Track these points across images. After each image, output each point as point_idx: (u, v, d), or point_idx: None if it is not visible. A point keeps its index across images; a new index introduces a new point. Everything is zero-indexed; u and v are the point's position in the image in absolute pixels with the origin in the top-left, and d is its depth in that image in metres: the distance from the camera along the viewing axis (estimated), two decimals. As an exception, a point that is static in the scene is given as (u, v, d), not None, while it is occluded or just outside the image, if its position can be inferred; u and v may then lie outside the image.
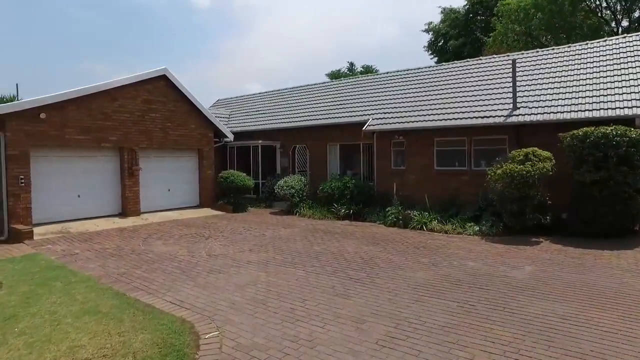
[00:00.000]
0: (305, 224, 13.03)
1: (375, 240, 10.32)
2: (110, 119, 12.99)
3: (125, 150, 13.39)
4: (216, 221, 13.49)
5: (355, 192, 14.13)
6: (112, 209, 13.42)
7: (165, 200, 14.87)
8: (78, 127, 12.28)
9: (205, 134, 15.89)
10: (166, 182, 14.95)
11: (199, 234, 11.33)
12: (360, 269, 7.76)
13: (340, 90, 18.65)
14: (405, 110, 14.50)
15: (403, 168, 14.22)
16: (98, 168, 13.09)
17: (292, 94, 20.53)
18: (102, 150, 13.13)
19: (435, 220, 11.72)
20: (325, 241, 10.31)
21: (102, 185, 13.16)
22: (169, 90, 14.59)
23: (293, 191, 15.04)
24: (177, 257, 8.76)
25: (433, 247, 9.46)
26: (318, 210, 14.51)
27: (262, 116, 19.70)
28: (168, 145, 14.64)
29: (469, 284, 6.68)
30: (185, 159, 15.61)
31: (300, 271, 7.66)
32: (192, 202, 15.83)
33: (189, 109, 15.23)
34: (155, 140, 14.20)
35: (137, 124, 13.69)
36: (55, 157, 12.18)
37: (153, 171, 14.50)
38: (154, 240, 10.50)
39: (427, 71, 17.06)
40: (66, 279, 7.23)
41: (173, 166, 15.19)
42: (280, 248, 9.59)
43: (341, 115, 16.13)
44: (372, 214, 13.43)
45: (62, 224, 11.88)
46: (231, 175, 15.69)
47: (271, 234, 11.27)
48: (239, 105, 22.80)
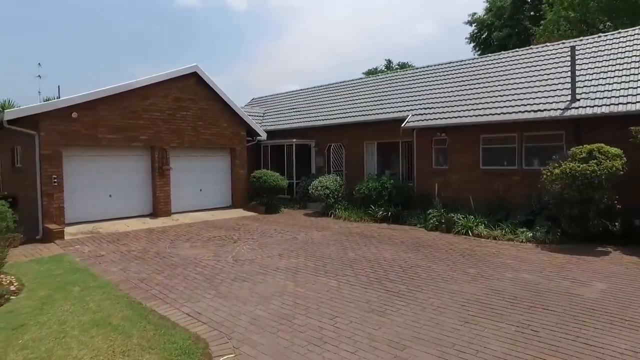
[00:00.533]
0: (339, 226, 12.30)
1: (416, 246, 9.44)
2: (141, 118, 12.78)
3: (156, 150, 13.15)
4: (247, 223, 13.00)
5: (393, 193, 13.25)
6: (143, 209, 13.21)
7: (196, 200, 14.57)
8: (109, 126, 12.12)
9: (237, 132, 15.47)
10: (198, 182, 14.64)
11: (228, 236, 10.84)
12: (399, 279, 6.94)
13: (378, 86, 17.77)
14: (448, 105, 13.45)
15: (445, 167, 13.19)
16: (129, 167, 12.91)
17: (328, 91, 19.84)
18: (133, 149, 12.94)
19: (481, 224, 10.67)
20: (360, 246, 9.53)
21: (133, 185, 12.98)
22: (200, 88, 14.26)
23: (328, 192, 14.34)
24: (202, 262, 8.25)
25: (481, 256, 8.47)
26: (354, 212, 13.74)
27: (296, 114, 19.13)
28: (199, 144, 14.32)
29: (527, 303, 5.72)
30: (217, 158, 15.26)
31: (332, 281, 6.94)
32: (224, 203, 15.46)
33: (220, 107, 14.86)
34: (186, 139, 13.90)
35: (168, 123, 13.42)
36: (87, 157, 12.07)
37: (184, 171, 14.22)
38: (181, 243, 10.09)
39: (471, 63, 15.88)
40: (85, 284, 6.85)
41: (205, 166, 14.87)
42: (311, 253, 8.90)
43: (379, 112, 15.27)
44: (412, 217, 12.51)
45: (93, 224, 11.75)
46: (264, 175, 15.19)
47: (303, 238, 10.62)
48: (273, 103, 22.36)
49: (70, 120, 11.42)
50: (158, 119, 13.17)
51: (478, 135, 12.36)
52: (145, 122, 12.89)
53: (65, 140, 11.36)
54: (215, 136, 14.75)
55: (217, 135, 14.81)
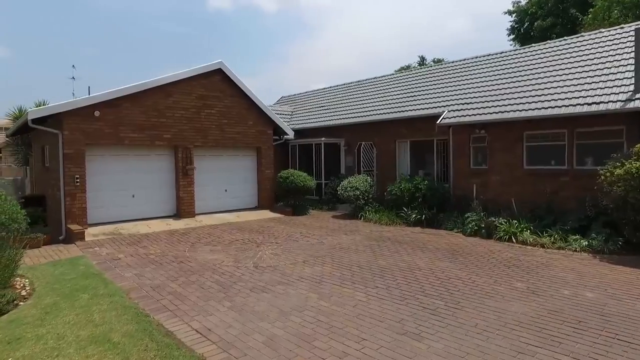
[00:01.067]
0: (369, 230, 11.52)
1: (454, 254, 8.55)
2: (164, 116, 12.43)
3: (179, 149, 12.78)
4: (273, 225, 12.41)
5: (428, 194, 12.33)
6: (167, 209, 12.87)
7: (221, 201, 14.13)
8: (132, 125, 11.82)
9: (263, 131, 14.94)
10: (222, 182, 14.20)
11: (251, 239, 10.27)
12: (437, 294, 6.12)
13: (411, 81, 16.83)
14: (488, 100, 12.41)
15: (485, 167, 12.17)
16: (152, 167, 12.59)
17: (359, 88, 19.05)
18: (156, 148, 12.61)
19: (527, 230, 9.64)
20: (392, 253, 8.73)
21: (156, 185, 12.65)
22: (225, 85, 13.81)
23: (357, 193, 13.58)
24: (221, 268, 7.69)
25: (529, 266, 7.51)
26: (385, 214, 12.92)
27: (325, 112, 18.46)
28: (224, 143, 13.86)
29: (595, 329, 4.79)
30: (242, 157, 14.78)
31: (360, 293, 6.20)
32: (250, 204, 14.96)
33: (246, 105, 14.36)
34: (210, 138, 13.48)
35: (192, 121, 13.03)
36: (110, 156, 11.82)
37: (209, 171, 13.80)
38: (201, 246, 9.60)
39: (513, 55, 14.72)
40: (95, 291, 6.40)
41: (230, 165, 14.42)
42: (339, 260, 8.18)
43: (412, 109, 14.37)
44: (448, 221, 11.57)
45: (115, 225, 11.46)
46: (291, 175, 14.59)
47: (330, 242, 9.91)
48: (302, 101, 21.78)
49: (93, 119, 11.17)
50: (182, 117, 12.79)
51: (521, 131, 11.30)
52: (169, 121, 12.53)
53: (88, 139, 11.12)
54: (241, 135, 14.27)
55: (243, 133, 14.33)
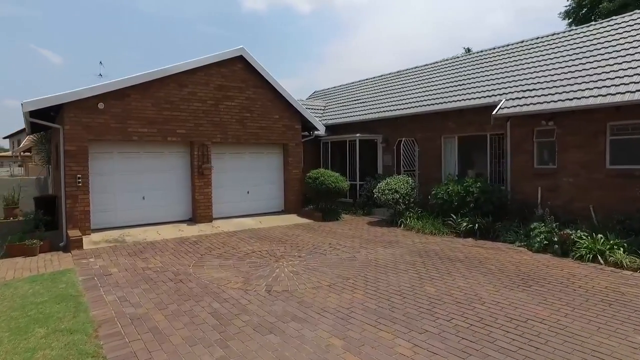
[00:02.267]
0: (412, 241, 9.68)
1: (523, 279, 6.60)
2: (178, 109, 11.09)
3: (195, 146, 11.41)
4: (298, 233, 10.80)
5: (481, 199, 10.34)
6: (181, 213, 11.53)
7: (242, 204, 12.67)
8: (142, 119, 10.54)
9: (291, 126, 13.36)
10: (244, 183, 12.73)
11: (270, 251, 8.70)
12: (513, 347, 4.26)
13: (459, 69, 14.75)
14: (557, 84, 10.25)
15: (553, 167, 10.05)
16: (165, 166, 11.28)
17: (398, 79, 17.13)
18: (169, 145, 11.30)
19: (619, 248, 7.51)
20: (442, 275, 6.89)
21: (169, 186, 11.34)
22: (248, 75, 12.33)
23: (397, 196, 11.74)
24: (225, 292, 6.13)
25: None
26: (430, 222, 11.03)
27: (361, 106, 16.67)
28: (246, 140, 12.39)
29: None
30: (267, 155, 13.27)
31: (402, 341, 4.45)
32: (275, 207, 13.43)
33: (271, 97, 12.83)
34: (230, 134, 12.03)
35: (210, 115, 11.63)
36: (118, 154, 10.60)
37: (228, 170, 12.38)
38: (211, 259, 8.11)
39: (586, 32, 12.37)
40: (57, 324, 4.99)
41: (252, 164, 12.94)
42: (374, 284, 6.44)
43: (460, 99, 12.36)
44: (507, 231, 9.56)
45: (122, 230, 10.21)
46: (321, 175, 12.93)
47: (364, 257, 8.18)
48: (335, 95, 20.08)
49: (97, 112, 9.96)
50: (198, 110, 11.42)
51: (604, 122, 9.12)
52: (183, 114, 11.18)
53: (91, 135, 9.92)
54: (265, 130, 12.75)
55: (268, 129, 12.81)
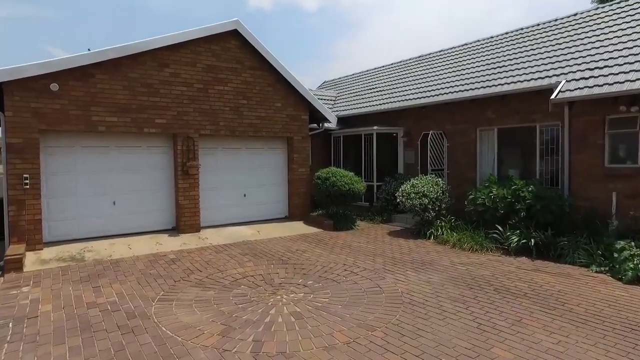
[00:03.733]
0: (450, 261, 7.51)
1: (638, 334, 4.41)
2: (157, 94, 9.02)
3: (179, 139, 9.33)
4: (305, 247, 8.68)
5: (536, 206, 8.12)
6: (161, 221, 9.48)
7: (237, 210, 10.57)
8: (110, 105, 8.49)
9: (296, 116, 11.21)
10: (240, 184, 10.63)
11: (266, 277, 6.59)
12: None
13: (497, 49, 12.42)
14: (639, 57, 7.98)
15: (633, 166, 7.81)
16: (141, 164, 9.23)
17: (421, 64, 14.88)
18: (146, 138, 9.24)
19: None
20: (512, 324, 4.71)
21: (146, 188, 9.28)
22: (244, 54, 10.22)
23: (425, 201, 9.56)
24: (191, 355, 4.03)
25: None
26: (468, 234, 8.87)
27: (378, 95, 14.47)
28: (242, 132, 10.27)
29: None
30: (267, 151, 11.15)
31: None
32: (277, 213, 11.31)
33: (272, 80, 10.70)
34: (223, 125, 9.94)
35: (197, 101, 9.54)
36: (81, 149, 8.56)
37: (221, 169, 10.29)
38: (186, 288, 6.02)
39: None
40: None
41: (250, 162, 10.83)
42: (415, 342, 4.29)
43: (503, 82, 10.12)
44: (575, 249, 7.36)
45: (84, 244, 8.18)
46: (333, 175, 10.78)
47: (392, 287, 6.04)
48: (348, 85, 17.89)
49: (52, 96, 7.92)
50: (182, 95, 9.34)
51: None
52: (164, 101, 9.11)
53: (44, 124, 7.89)
54: (265, 121, 10.63)
55: (268, 119, 10.68)
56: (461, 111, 11.10)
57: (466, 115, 11.00)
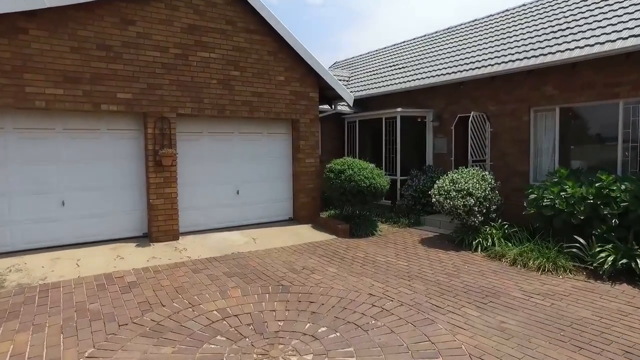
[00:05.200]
0: (521, 290, 5.27)
1: None
2: (119, 59, 6.83)
3: (150, 120, 7.15)
4: (313, 263, 6.50)
5: (637, 211, 5.84)
6: (129, 226, 7.34)
7: (228, 211, 8.40)
8: (52, 73, 6.32)
9: (303, 93, 8.97)
10: (232, 178, 8.46)
11: (256, 319, 4.42)
12: None
13: (549, 10, 10.01)
14: None
15: None
16: (101, 152, 7.08)
17: (453, 36, 12.48)
18: (107, 118, 7.09)
19: None
20: None
21: (108, 184, 7.14)
22: (236, 12, 7.98)
23: (471, 202, 7.30)
24: None
25: None
26: (529, 246, 6.62)
27: (400, 72, 12.15)
28: (235, 112, 8.06)
29: None
30: (267, 137, 8.95)
31: None
32: (279, 215, 9.13)
33: (273, 47, 8.47)
34: (209, 102, 7.73)
35: (174, 71, 7.34)
36: (14, 132, 6.43)
37: (207, 159, 8.11)
38: (132, 340, 3.88)
39: None
40: None
41: (245, 150, 8.63)
42: None
43: (573, 46, 7.75)
44: None
45: (16, 259, 6.07)
46: (349, 167, 8.55)
47: (450, 341, 3.84)
48: (363, 64, 15.55)
49: (-33, 57, 5.78)
50: (154, 62, 7.14)
51: None
52: (129, 69, 6.92)
53: (-44, 96, 5.76)
54: (264, 99, 8.40)
55: (268, 97, 8.46)
56: (510, 87, 8.82)
57: (516, 93, 8.72)
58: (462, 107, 9.87)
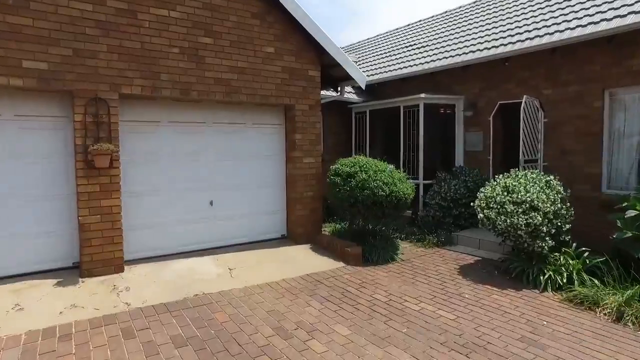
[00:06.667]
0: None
1: None
2: (23, 10, 4.65)
3: (78, 102, 4.95)
4: (313, 317, 4.32)
5: None
6: (52, 254, 5.17)
7: (198, 229, 6.20)
8: None
9: (300, 71, 6.76)
10: (203, 185, 6.25)
11: None
12: None
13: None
14: None
15: None
16: (3, 148, 4.90)
17: (488, 5, 10.21)
18: (11, 99, 4.90)
19: None
20: None
21: (18, 193, 4.95)
22: (208, -47, 5.80)
23: (537, 220, 5.10)
24: None
25: None
26: (626, 289, 4.43)
27: (420, 52, 9.92)
28: (205, 94, 5.85)
29: None
30: (251, 130, 6.74)
31: None
32: (267, 232, 6.94)
33: (261, 8, 6.27)
34: (168, 79, 5.53)
35: (115, 34, 5.14)
36: None
37: (167, 159, 5.92)
38: None
39: None
40: None
41: (220, 147, 6.42)
42: None
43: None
44: None
45: None
46: (362, 169, 6.37)
47: None
48: (372, 47, 13.30)
49: None
50: (83, 19, 4.96)
51: None
52: (42, 25, 4.74)
53: None
54: (247, 76, 6.19)
55: (252, 73, 6.24)
56: (574, 64, 6.66)
57: (584, 71, 6.55)
58: (504, 92, 7.69)
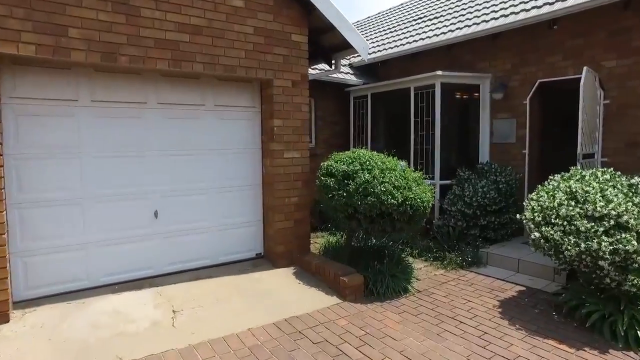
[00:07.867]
0: None
1: None
2: None
3: None
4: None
5: None
6: None
7: (137, 250, 4.47)
8: None
9: (279, 33, 5.00)
10: (144, 188, 4.53)
11: None
12: None
13: None
14: None
15: None
16: None
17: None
18: None
19: None
20: None
21: None
22: None
23: (631, 245, 3.38)
24: None
25: None
26: None
27: (431, 23, 8.16)
28: (141, 61, 4.10)
29: None
30: (212, 113, 4.99)
31: None
32: (237, 251, 5.20)
33: (222, -56, 4.52)
34: (79, 35, 3.78)
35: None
36: None
37: (88, 152, 4.17)
38: None
39: None
40: None
41: (169, 137, 4.69)
42: None
43: None
44: None
45: None
46: (362, 166, 4.66)
47: None
48: (375, 24, 11.51)
49: None
50: None
51: None
52: None
53: None
54: (204, 38, 4.44)
55: (211, 34, 4.49)
56: None
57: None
58: (546, 68, 5.98)
